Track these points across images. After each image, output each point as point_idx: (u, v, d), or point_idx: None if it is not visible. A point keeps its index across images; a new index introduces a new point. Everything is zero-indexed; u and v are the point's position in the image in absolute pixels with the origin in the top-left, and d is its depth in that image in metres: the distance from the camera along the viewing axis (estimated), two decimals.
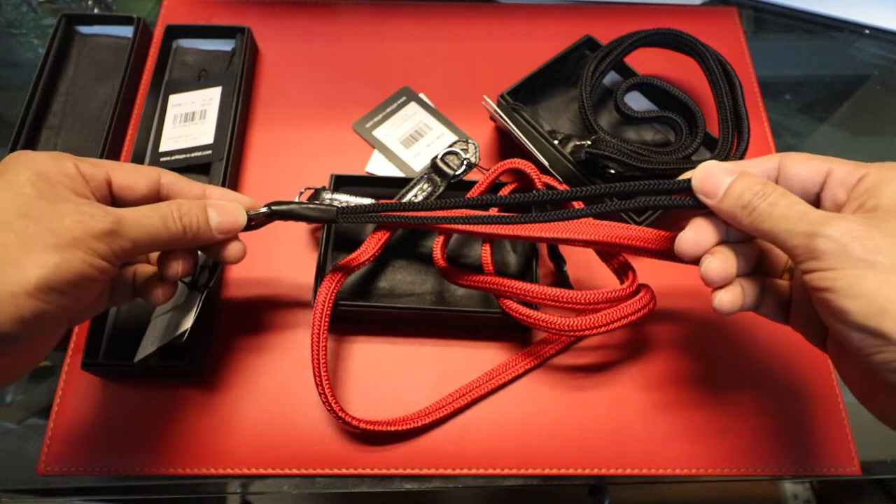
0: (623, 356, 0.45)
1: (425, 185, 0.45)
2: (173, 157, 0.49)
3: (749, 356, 0.45)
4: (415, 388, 0.43)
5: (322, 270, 0.42)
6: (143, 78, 0.55)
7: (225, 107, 0.51)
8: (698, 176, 0.31)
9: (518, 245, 0.48)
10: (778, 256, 0.34)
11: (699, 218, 0.32)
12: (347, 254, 0.41)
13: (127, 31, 0.56)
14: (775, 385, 0.44)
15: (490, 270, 0.41)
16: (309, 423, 0.42)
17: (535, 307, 0.41)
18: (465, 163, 0.45)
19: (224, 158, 0.48)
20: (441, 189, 0.45)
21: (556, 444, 0.42)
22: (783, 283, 0.34)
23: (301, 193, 0.47)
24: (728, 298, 0.31)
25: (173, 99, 0.52)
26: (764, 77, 0.59)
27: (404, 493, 0.42)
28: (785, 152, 0.31)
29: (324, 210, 0.37)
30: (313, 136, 0.53)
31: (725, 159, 0.46)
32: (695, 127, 0.48)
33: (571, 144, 0.48)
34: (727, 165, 0.31)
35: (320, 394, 0.39)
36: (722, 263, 0.31)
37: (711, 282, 0.31)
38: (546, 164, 0.46)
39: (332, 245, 0.45)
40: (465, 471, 0.41)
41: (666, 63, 0.56)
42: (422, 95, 0.56)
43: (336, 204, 0.43)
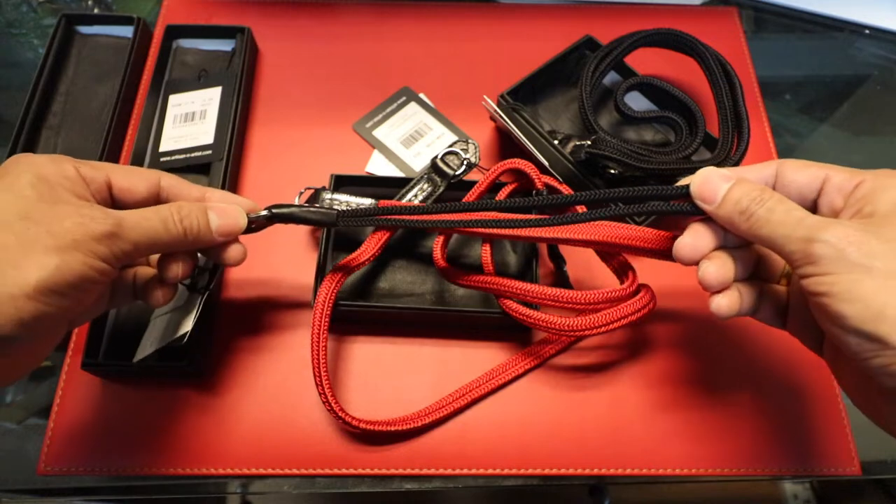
0: (623, 356, 0.45)
1: (425, 185, 0.45)
2: (173, 157, 0.49)
3: (749, 356, 0.45)
4: (415, 388, 0.43)
5: (322, 270, 0.43)
6: (143, 78, 0.55)
7: (225, 107, 0.51)
8: (696, 182, 0.31)
9: (518, 245, 0.48)
10: (775, 262, 0.34)
11: (697, 223, 0.33)
12: (347, 254, 0.41)
13: (127, 31, 0.56)
14: (775, 385, 0.44)
15: (490, 270, 0.41)
16: (309, 423, 0.42)
17: (535, 307, 0.41)
18: (465, 163, 0.45)
19: (224, 158, 0.48)
20: (441, 189, 0.45)
21: (556, 444, 0.42)
22: (780, 288, 0.34)
23: (301, 193, 0.47)
24: (725, 302, 0.32)
25: (173, 99, 0.52)
26: (764, 77, 0.59)
27: (404, 493, 0.42)
28: (782, 159, 0.31)
29: (324, 213, 0.37)
30: (313, 136, 0.53)
31: (725, 159, 0.46)
32: (695, 127, 0.48)
33: (571, 144, 0.48)
34: (725, 172, 0.31)
35: (320, 394, 0.39)
36: (719, 268, 0.31)
37: (708, 286, 0.32)
38: (546, 164, 0.46)
39: (332, 245, 0.45)
40: (465, 471, 0.41)
41: (666, 63, 0.56)
42: (422, 95, 0.56)
43: (336, 204, 0.44)
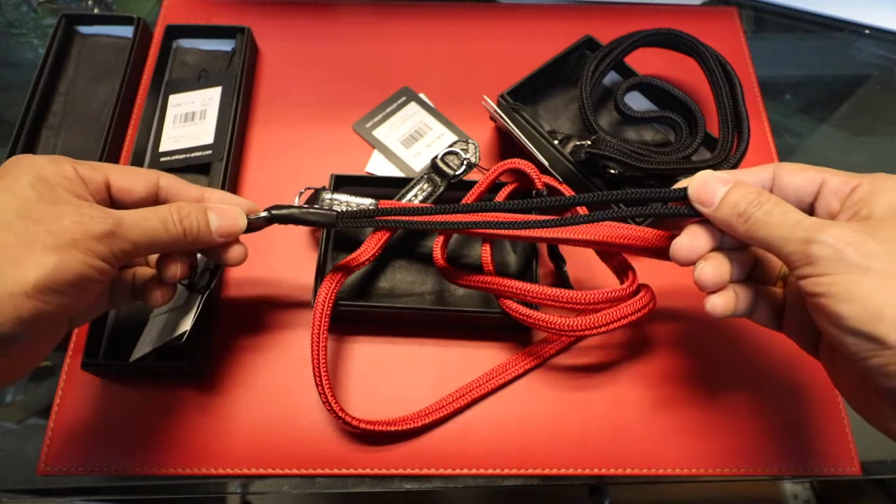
0: (623, 356, 0.45)
1: (425, 185, 0.45)
2: (173, 157, 0.49)
3: (749, 356, 0.45)
4: (415, 388, 0.43)
5: (322, 270, 0.42)
6: (143, 78, 0.55)
7: (225, 107, 0.51)
8: (694, 185, 0.32)
9: (518, 245, 0.48)
10: (772, 264, 0.34)
11: (694, 224, 0.33)
12: (347, 254, 0.41)
13: (127, 31, 0.56)
14: (775, 385, 0.44)
15: (490, 270, 0.41)
16: (309, 423, 0.42)
17: (535, 307, 0.41)
18: (465, 163, 0.45)
19: (224, 158, 0.48)
20: (441, 189, 0.45)
21: (556, 444, 0.42)
22: (777, 290, 0.34)
23: (301, 193, 0.47)
24: (721, 303, 0.32)
25: (173, 99, 0.52)
26: (764, 77, 0.59)
27: (404, 493, 0.42)
28: (779, 162, 0.32)
29: (324, 214, 0.37)
30: (313, 136, 0.53)
31: (725, 159, 0.46)
32: (695, 127, 0.48)
33: (571, 144, 0.48)
34: (723, 175, 0.31)
35: (320, 394, 0.39)
36: (716, 269, 0.31)
37: (704, 286, 0.32)
38: (546, 164, 0.46)
39: (332, 245, 0.45)
40: (465, 471, 0.41)
41: (666, 63, 0.56)
42: (422, 95, 0.56)
43: (336, 204, 0.43)
